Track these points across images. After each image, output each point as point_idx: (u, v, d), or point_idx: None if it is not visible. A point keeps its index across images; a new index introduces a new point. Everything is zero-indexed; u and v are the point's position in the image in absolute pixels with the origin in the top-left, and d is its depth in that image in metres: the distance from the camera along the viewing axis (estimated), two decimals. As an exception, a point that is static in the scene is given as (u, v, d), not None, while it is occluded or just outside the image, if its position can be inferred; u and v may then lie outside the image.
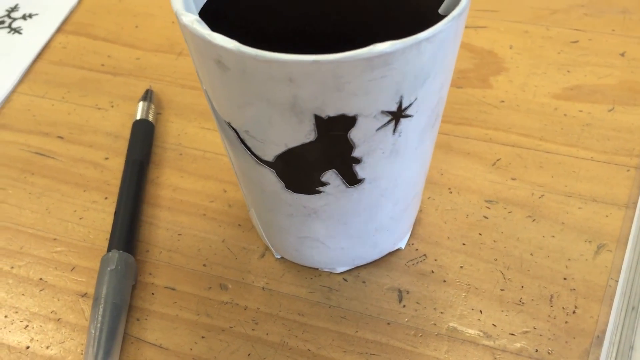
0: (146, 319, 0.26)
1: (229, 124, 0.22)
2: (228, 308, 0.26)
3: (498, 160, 0.31)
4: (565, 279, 0.26)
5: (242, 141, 0.22)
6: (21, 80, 0.39)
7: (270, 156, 0.22)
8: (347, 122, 0.20)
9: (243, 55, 0.19)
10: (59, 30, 0.43)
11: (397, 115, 0.21)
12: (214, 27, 0.20)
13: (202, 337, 0.26)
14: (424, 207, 0.29)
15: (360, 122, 0.20)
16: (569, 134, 0.32)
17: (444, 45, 0.20)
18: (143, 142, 0.33)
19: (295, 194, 0.23)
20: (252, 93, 0.20)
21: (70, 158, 0.34)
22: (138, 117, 0.34)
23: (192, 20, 0.20)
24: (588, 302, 0.25)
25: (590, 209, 0.29)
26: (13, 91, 0.38)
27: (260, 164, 0.23)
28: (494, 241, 0.28)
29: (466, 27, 0.40)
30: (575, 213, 0.29)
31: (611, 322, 0.24)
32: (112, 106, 0.37)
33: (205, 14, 0.23)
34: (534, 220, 0.29)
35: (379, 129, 0.21)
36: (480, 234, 0.28)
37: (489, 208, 0.29)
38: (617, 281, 0.26)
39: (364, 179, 0.23)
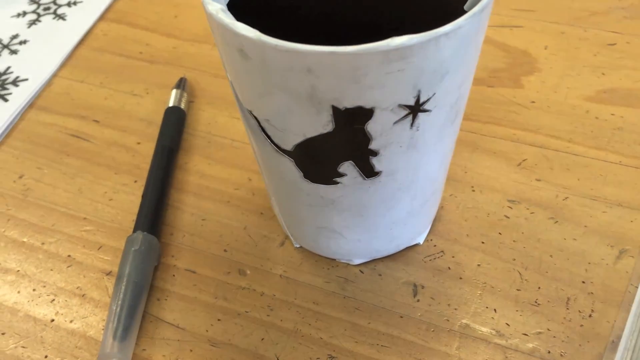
0: (166, 299, 0.27)
1: (251, 112, 0.23)
2: (245, 293, 0.27)
3: (524, 160, 0.31)
4: (583, 282, 0.26)
5: (263, 130, 0.23)
6: (63, 65, 0.41)
7: (289, 145, 0.22)
8: (364, 114, 0.20)
9: (264, 44, 0.19)
10: (101, 17, 0.44)
11: (415, 109, 0.21)
12: (242, 18, 0.21)
13: (218, 320, 0.26)
14: (445, 204, 0.29)
15: (377, 115, 0.20)
16: (599, 137, 0.32)
17: (464, 42, 0.20)
18: (173, 129, 0.34)
19: (313, 183, 0.24)
20: (272, 82, 0.20)
21: (104, 141, 0.35)
22: (170, 105, 0.35)
23: (217, 9, 0.20)
24: (605, 306, 0.25)
25: (615, 213, 0.28)
26: (54, 75, 0.40)
27: (279, 153, 0.23)
28: (514, 241, 0.28)
29: (501, 26, 0.39)
30: (599, 217, 0.28)
31: (627, 327, 0.24)
32: (147, 93, 0.38)
33: (235, 5, 0.24)
34: (556, 222, 0.28)
35: (396, 122, 0.21)
36: (500, 233, 0.28)
37: (511, 208, 0.29)
38: (637, 287, 0.25)
39: (380, 171, 0.23)
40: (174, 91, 0.36)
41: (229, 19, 0.20)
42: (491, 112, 0.34)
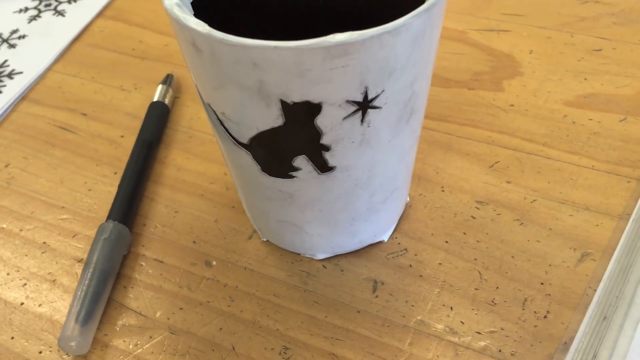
0: (132, 287, 0.28)
1: (210, 106, 0.23)
2: (209, 284, 0.28)
3: (496, 162, 0.31)
4: (542, 283, 0.26)
5: (221, 122, 0.23)
6: (58, 60, 0.42)
7: (245, 138, 0.23)
8: (313, 109, 0.21)
9: (212, 38, 0.20)
10: (99, 14, 0.46)
11: (364, 105, 0.21)
12: (208, 14, 0.21)
13: (180, 309, 0.27)
14: (413, 203, 0.30)
15: (325, 110, 0.21)
16: (574, 141, 0.32)
17: (412, 40, 0.20)
18: (155, 123, 0.35)
19: (270, 177, 0.24)
20: (223, 75, 0.21)
21: (90, 134, 0.36)
22: (155, 99, 0.36)
23: (173, 4, 0.21)
24: (561, 308, 0.25)
25: (582, 217, 0.28)
26: (49, 69, 0.41)
27: (238, 146, 0.24)
28: (477, 241, 0.28)
29: (489, 30, 0.40)
30: (565, 220, 0.28)
31: (581, 330, 0.24)
32: (136, 88, 0.39)
33: (203, 1, 0.24)
34: (522, 224, 0.28)
35: (345, 117, 0.21)
36: (464, 233, 0.28)
37: (478, 209, 0.29)
38: (595, 290, 0.25)
39: (334, 167, 0.23)
40: (159, 87, 0.37)
41: (182, 14, 0.20)
42: (469, 114, 0.34)
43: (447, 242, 0.28)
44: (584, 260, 0.27)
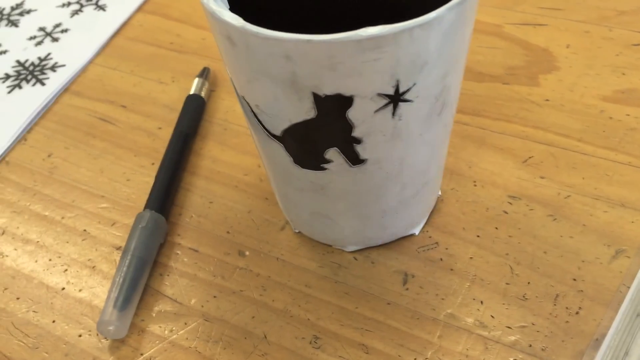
0: (168, 275, 0.29)
1: (244, 98, 0.24)
2: (242, 273, 0.28)
3: (530, 157, 0.31)
4: (574, 279, 0.26)
5: (255, 115, 0.24)
6: (99, 53, 0.43)
7: (278, 130, 0.23)
8: (344, 101, 0.21)
9: (246, 31, 0.20)
10: (139, 9, 0.47)
11: (395, 99, 0.21)
12: (243, 8, 0.22)
13: (214, 297, 0.27)
14: (445, 197, 0.30)
15: (357, 103, 0.21)
16: (611, 137, 0.31)
17: (443, 33, 0.20)
18: (192, 115, 0.35)
19: (302, 169, 0.25)
20: (256, 68, 0.21)
21: (128, 125, 0.37)
22: (192, 92, 0.37)
23: (209, -1, 0.21)
24: (594, 304, 0.25)
25: (616, 213, 0.28)
26: (90, 62, 0.42)
27: (271, 138, 0.24)
28: (509, 236, 0.28)
29: (525, 24, 0.39)
30: (600, 216, 0.28)
31: (613, 327, 0.24)
32: (173, 81, 0.39)
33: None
34: (555, 219, 0.28)
35: (377, 111, 0.21)
36: (496, 228, 0.28)
37: (510, 204, 0.29)
38: (628, 287, 0.25)
39: (366, 159, 0.23)
40: (196, 80, 0.37)
41: (217, 8, 0.21)
42: (503, 108, 0.34)
43: (478, 236, 0.28)
44: (618, 257, 0.26)
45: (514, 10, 0.40)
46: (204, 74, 0.38)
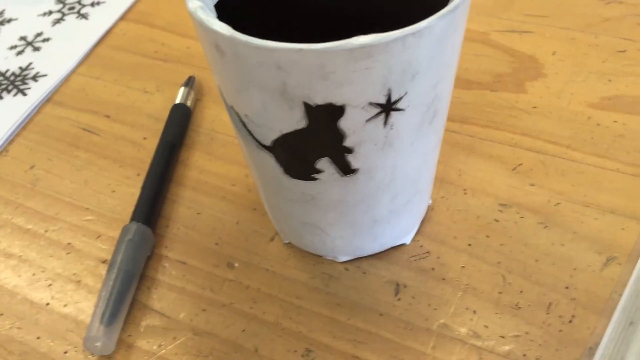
0: (156, 289, 0.28)
1: (233, 108, 0.23)
2: (231, 285, 0.28)
3: (519, 165, 0.31)
4: (567, 287, 0.26)
5: (244, 125, 0.23)
6: (81, 62, 0.42)
7: (268, 141, 0.23)
8: (336, 111, 0.21)
9: (235, 41, 0.20)
10: (122, 17, 0.46)
11: (387, 108, 0.21)
12: (231, 17, 0.21)
13: (203, 310, 0.27)
14: (436, 205, 0.30)
15: (348, 112, 0.21)
16: (599, 143, 0.31)
17: (435, 42, 0.20)
18: (177, 125, 0.35)
19: (293, 179, 0.24)
20: (246, 78, 0.21)
21: (113, 136, 0.36)
22: (177, 102, 0.36)
23: (197, 7, 0.21)
24: (587, 312, 0.25)
25: (607, 220, 0.28)
26: (73, 72, 0.41)
27: (260, 148, 0.24)
28: (501, 245, 0.28)
29: (511, 31, 0.39)
30: (590, 223, 0.28)
31: (607, 335, 0.24)
32: (158, 90, 0.39)
33: (226, 4, 0.24)
34: (546, 227, 0.28)
35: (368, 120, 0.21)
36: (487, 236, 0.28)
37: (501, 212, 0.29)
38: (620, 295, 0.25)
39: (357, 169, 0.23)
40: (181, 89, 0.37)
41: (206, 16, 0.21)
42: (491, 116, 0.34)
43: (470, 245, 0.28)
44: (610, 264, 0.26)
45: (500, 18, 0.40)
46: (190, 82, 0.38)
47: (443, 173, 0.31)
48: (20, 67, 0.42)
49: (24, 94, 0.39)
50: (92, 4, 0.47)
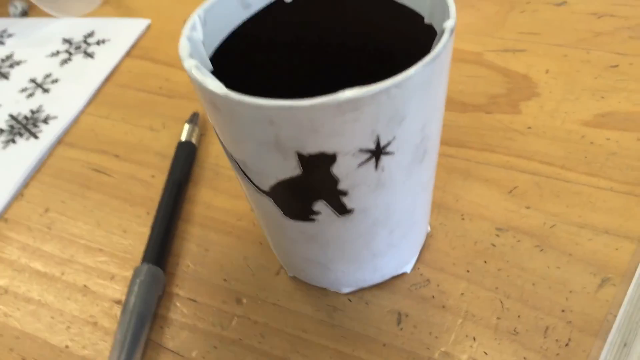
0: (168, 327, 0.29)
1: (231, 155, 0.24)
2: (240, 321, 0.29)
3: (515, 188, 0.32)
4: (563, 311, 0.27)
5: (243, 171, 0.24)
6: (90, 102, 0.44)
7: (266, 186, 0.24)
8: (328, 159, 0.22)
9: (229, 99, 0.21)
10: (127, 54, 0.47)
11: (377, 152, 0.22)
12: (227, 66, 0.22)
13: (215, 347, 0.28)
14: (434, 232, 0.30)
15: (340, 159, 0.22)
16: (592, 162, 0.32)
17: (419, 89, 0.21)
18: (184, 163, 0.36)
19: (292, 220, 0.25)
20: (241, 131, 0.22)
21: (122, 175, 0.37)
22: (183, 139, 0.37)
23: (192, 66, 0.22)
24: (583, 335, 0.26)
25: (601, 241, 0.29)
26: (81, 112, 0.43)
27: (259, 192, 0.25)
28: (498, 269, 0.28)
29: (504, 50, 0.40)
30: (585, 245, 0.29)
31: (602, 357, 0.24)
32: (164, 127, 0.40)
33: (220, 53, 0.25)
34: (542, 250, 0.29)
35: (360, 165, 0.22)
36: (485, 262, 0.29)
37: (498, 236, 0.30)
38: (615, 316, 0.26)
39: (353, 209, 0.24)
40: (186, 126, 0.38)
41: (201, 76, 0.22)
42: (487, 138, 0.35)
43: (468, 271, 0.29)
44: (604, 286, 0.27)
45: (494, 37, 0.41)
46: (194, 119, 0.39)
47: (441, 199, 0.32)
48: (31, 110, 0.43)
49: (36, 137, 0.41)
50: (98, 43, 0.48)
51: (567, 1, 0.43)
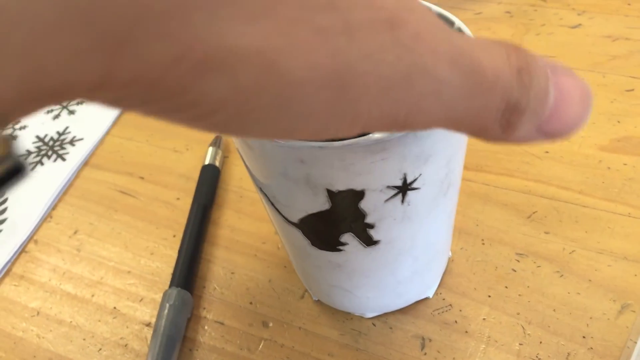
0: (197, 350, 0.30)
1: (261, 189, 0.25)
2: (267, 344, 0.30)
3: (534, 212, 0.32)
4: (584, 337, 0.27)
5: (272, 203, 0.25)
6: (114, 124, 0.45)
7: (295, 218, 0.25)
8: (356, 195, 0.23)
9: (263, 140, 0.22)
10: (149, 75, 0.48)
11: (403, 189, 0.23)
12: None
13: (243, 370, 0.29)
14: (455, 257, 0.31)
15: (368, 195, 0.23)
16: (610, 188, 0.33)
17: (444, 131, 0.22)
18: (208, 186, 0.37)
19: (319, 250, 0.26)
20: (273, 169, 0.23)
21: (148, 197, 0.38)
22: (206, 162, 0.38)
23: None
24: (603, 362, 0.26)
25: (620, 267, 0.29)
26: (107, 133, 0.44)
27: (288, 223, 0.26)
28: (519, 295, 0.29)
29: (521, 73, 0.41)
30: (604, 271, 0.29)
31: (623, 385, 0.25)
32: (187, 149, 0.41)
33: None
34: (562, 275, 0.29)
35: (387, 200, 0.23)
36: (506, 287, 0.30)
37: (518, 261, 0.30)
38: (635, 342, 0.26)
39: (379, 240, 0.25)
40: (210, 149, 0.39)
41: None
42: (504, 162, 0.35)
43: (489, 296, 0.29)
44: (624, 312, 0.28)
45: (510, 60, 0.42)
46: (217, 142, 0.40)
47: (461, 223, 0.33)
48: (58, 132, 0.44)
49: (63, 159, 0.42)
50: (120, 64, 0.49)
51: (582, 24, 0.44)
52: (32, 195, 0.40)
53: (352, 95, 0.12)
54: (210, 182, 0.37)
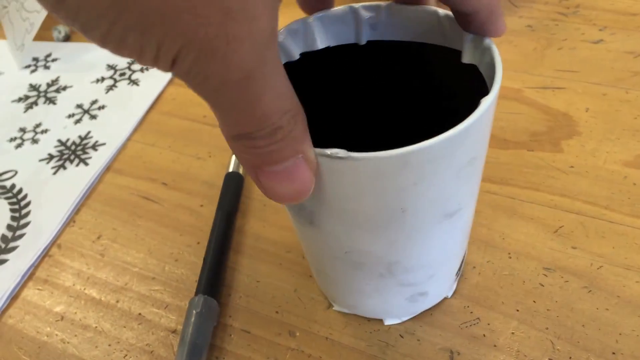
0: (224, 358, 0.30)
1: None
2: (294, 354, 0.30)
3: (561, 227, 0.32)
4: (614, 353, 0.27)
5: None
6: (136, 129, 0.45)
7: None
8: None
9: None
10: (170, 82, 0.49)
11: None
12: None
13: (270, 379, 0.29)
14: (482, 270, 0.31)
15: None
16: (636, 204, 0.33)
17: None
18: (232, 194, 0.37)
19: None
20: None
21: (171, 204, 0.39)
22: (230, 170, 0.38)
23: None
24: (634, 379, 0.26)
25: (648, 283, 0.29)
26: (129, 139, 0.44)
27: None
28: (548, 310, 0.29)
29: (544, 87, 0.41)
30: (632, 287, 0.29)
31: (654, 402, 0.25)
32: (210, 156, 0.41)
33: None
34: (590, 291, 0.30)
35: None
36: (534, 302, 0.30)
37: (546, 276, 0.31)
38: (666, 360, 0.26)
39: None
40: (233, 156, 0.39)
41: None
42: (529, 176, 0.35)
43: (517, 310, 0.29)
44: (654, 329, 0.28)
45: (532, 74, 0.42)
46: (240, 150, 0.40)
47: (487, 236, 0.33)
48: (80, 136, 0.44)
49: (86, 164, 0.42)
50: (142, 69, 0.50)
51: (603, 39, 0.44)
52: (55, 199, 0.40)
53: None
54: (234, 190, 0.37)
